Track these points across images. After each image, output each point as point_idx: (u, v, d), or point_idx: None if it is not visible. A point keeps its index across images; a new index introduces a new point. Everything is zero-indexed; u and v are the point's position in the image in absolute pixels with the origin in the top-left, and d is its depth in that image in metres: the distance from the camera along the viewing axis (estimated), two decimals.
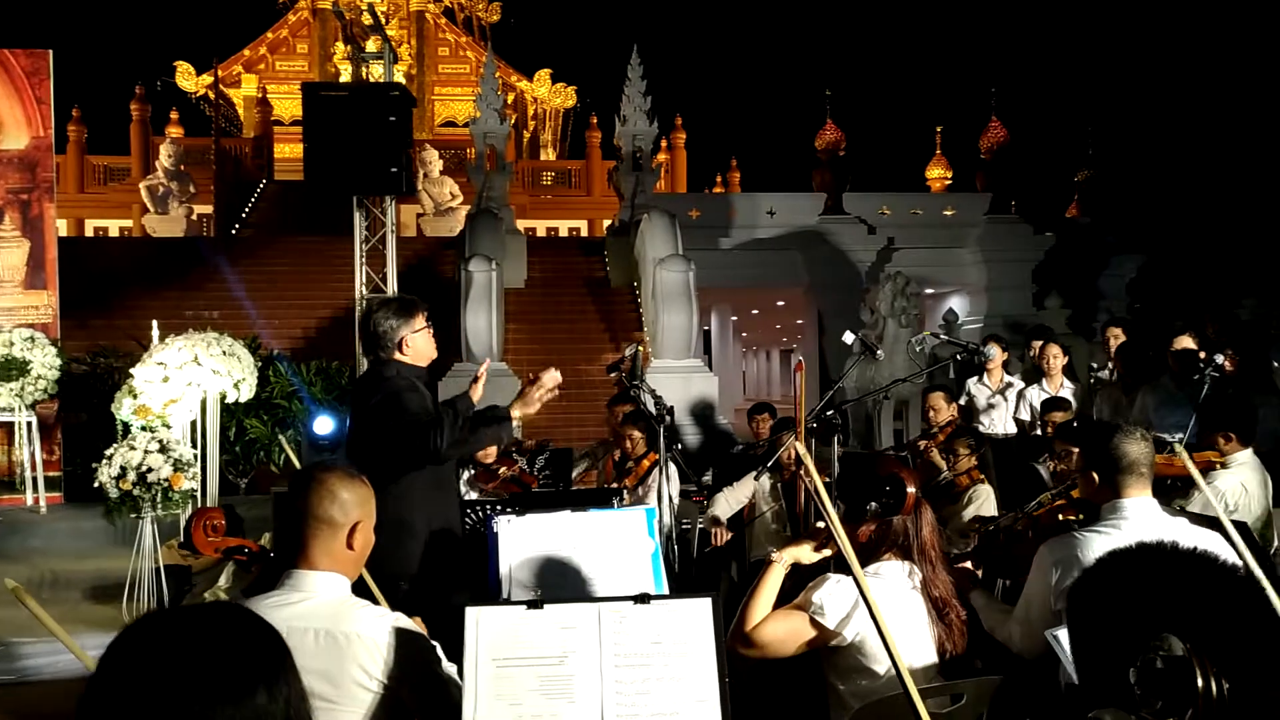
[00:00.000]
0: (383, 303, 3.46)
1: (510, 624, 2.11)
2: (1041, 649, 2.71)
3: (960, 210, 16.47)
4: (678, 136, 26.70)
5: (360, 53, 9.41)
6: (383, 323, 3.35)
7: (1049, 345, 6.44)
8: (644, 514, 3.10)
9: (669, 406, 3.92)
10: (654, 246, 11.89)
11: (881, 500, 2.51)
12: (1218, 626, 0.99)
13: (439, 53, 28.16)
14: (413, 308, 3.41)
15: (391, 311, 3.37)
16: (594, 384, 11.65)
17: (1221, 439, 4.23)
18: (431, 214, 19.30)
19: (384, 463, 3.13)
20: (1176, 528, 2.70)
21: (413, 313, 3.39)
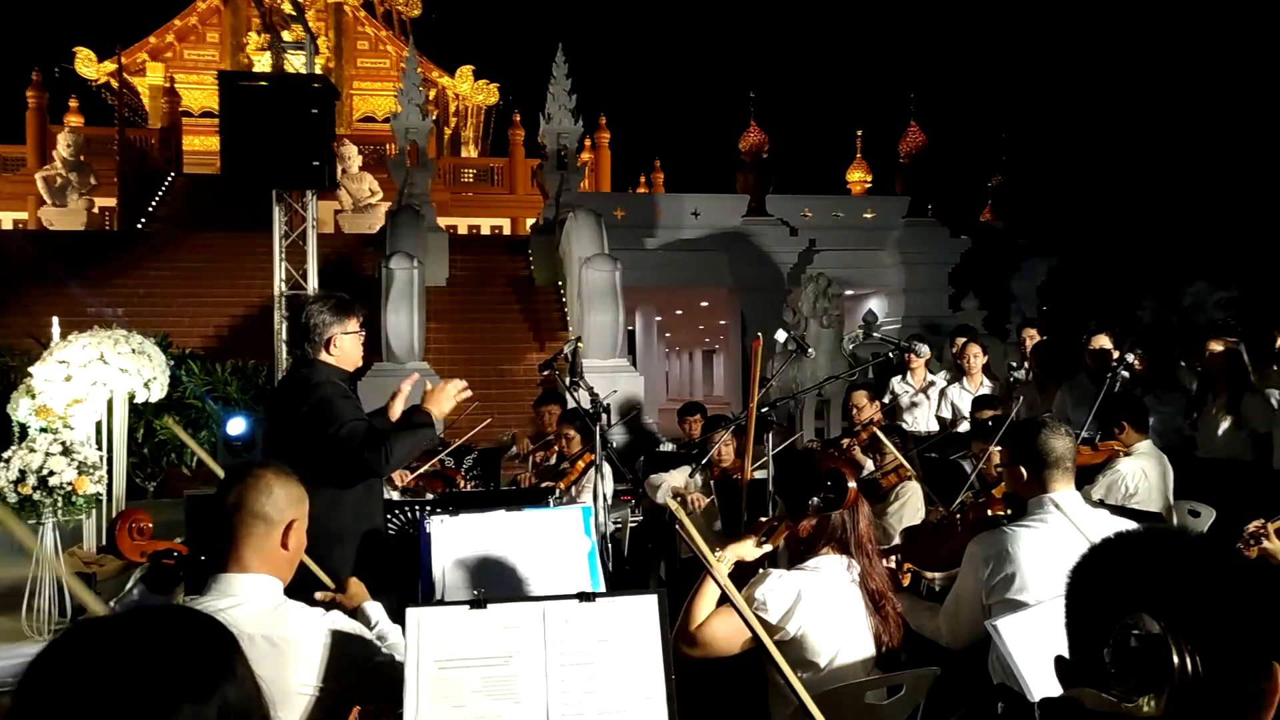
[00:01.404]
0: (320, 297, 3.37)
1: (452, 624, 2.06)
2: (969, 642, 2.77)
3: (880, 213, 16.83)
4: (602, 136, 26.68)
5: (279, 43, 9.13)
6: (315, 316, 3.25)
7: (970, 344, 6.61)
8: (580, 512, 3.07)
9: (605, 404, 3.89)
10: (579, 245, 11.85)
11: (822, 495, 2.52)
12: (1192, 605, 1.00)
13: (358, 46, 27.61)
14: (349, 308, 3.33)
15: (327, 307, 3.28)
16: (518, 383, 11.56)
17: (1117, 429, 4.44)
18: (350, 210, 18.90)
19: (315, 471, 3.03)
20: (1099, 519, 2.79)
21: (348, 313, 3.31)
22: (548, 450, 5.79)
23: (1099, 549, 1.14)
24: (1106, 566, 1.11)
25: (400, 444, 3.14)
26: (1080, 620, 1.10)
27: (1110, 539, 1.15)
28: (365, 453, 3.06)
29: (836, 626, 2.49)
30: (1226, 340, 5.24)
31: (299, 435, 3.15)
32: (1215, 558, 1.08)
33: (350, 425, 3.09)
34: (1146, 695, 1.01)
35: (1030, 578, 2.62)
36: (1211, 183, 33.87)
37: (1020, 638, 2.15)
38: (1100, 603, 1.07)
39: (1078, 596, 1.13)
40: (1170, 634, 0.98)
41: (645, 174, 28.82)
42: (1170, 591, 1.02)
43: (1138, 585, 1.04)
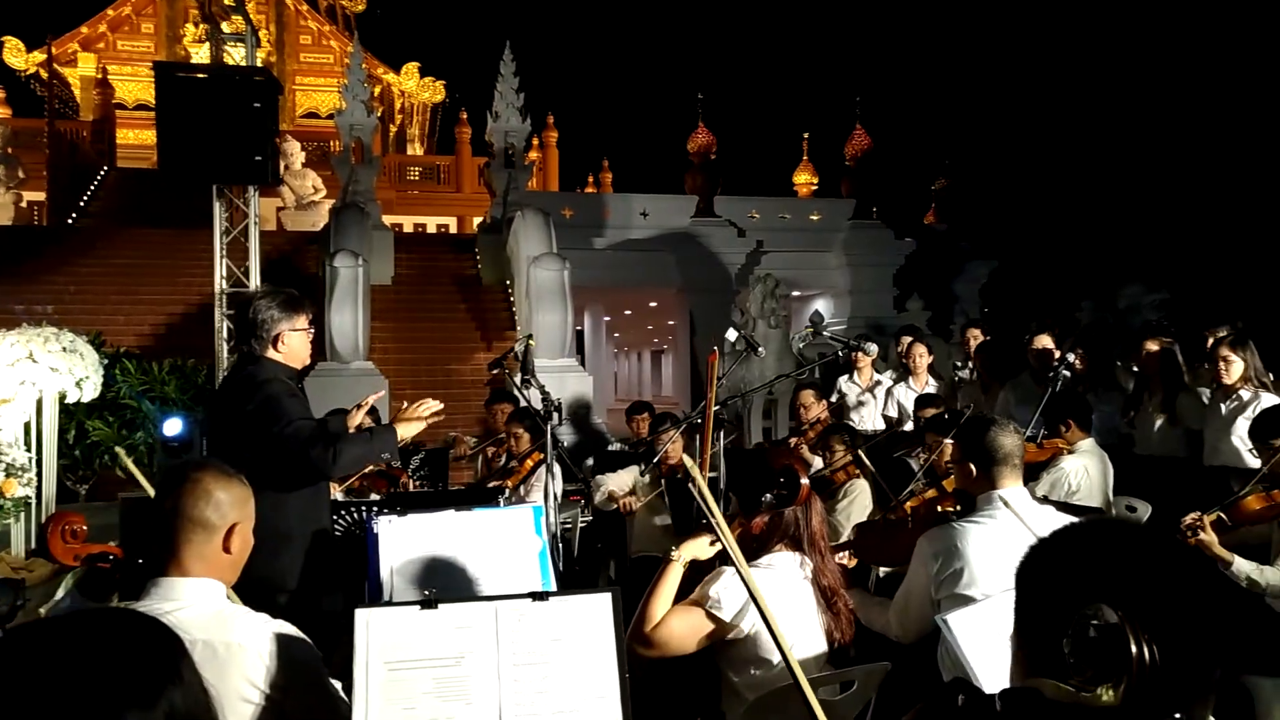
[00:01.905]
0: (268, 293, 3.30)
1: (403, 625, 2.02)
2: (918, 636, 2.81)
3: (826, 215, 17.01)
4: (550, 135, 26.58)
5: (218, 34, 8.91)
6: (264, 311, 3.18)
7: (915, 344, 6.70)
8: (531, 511, 3.04)
9: (556, 403, 3.86)
10: (528, 244, 11.78)
11: (775, 492, 2.52)
12: (1149, 595, 1.02)
13: (300, 41, 27.10)
14: (298, 305, 3.27)
15: (275, 303, 3.21)
16: (465, 384, 11.45)
17: (1063, 427, 4.55)
18: (293, 208, 18.56)
19: (260, 471, 2.95)
20: (1045, 515, 2.84)
21: (297, 310, 3.25)
22: (499, 447, 5.74)
23: (1052, 541, 1.15)
24: (1062, 558, 1.12)
25: (351, 449, 3.09)
26: (1035, 611, 1.11)
27: (1064, 530, 1.16)
28: (311, 452, 2.99)
29: (789, 623, 2.49)
30: (1161, 340, 5.38)
31: (244, 434, 3.07)
32: (1169, 549, 1.09)
33: (297, 424, 3.03)
34: (1105, 684, 1.02)
35: (979, 572, 2.65)
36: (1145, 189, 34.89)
37: (970, 631, 2.17)
38: (1057, 594, 1.07)
39: (1032, 588, 1.13)
40: (1128, 624, 0.99)
41: (593, 174, 28.77)
42: (1128, 582, 1.03)
43: (1095, 576, 1.05)
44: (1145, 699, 1.01)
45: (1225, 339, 5.00)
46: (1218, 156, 36.19)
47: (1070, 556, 1.10)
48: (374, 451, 3.19)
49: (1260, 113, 39.71)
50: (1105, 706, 1.02)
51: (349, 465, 3.20)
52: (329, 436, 3.05)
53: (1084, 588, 1.04)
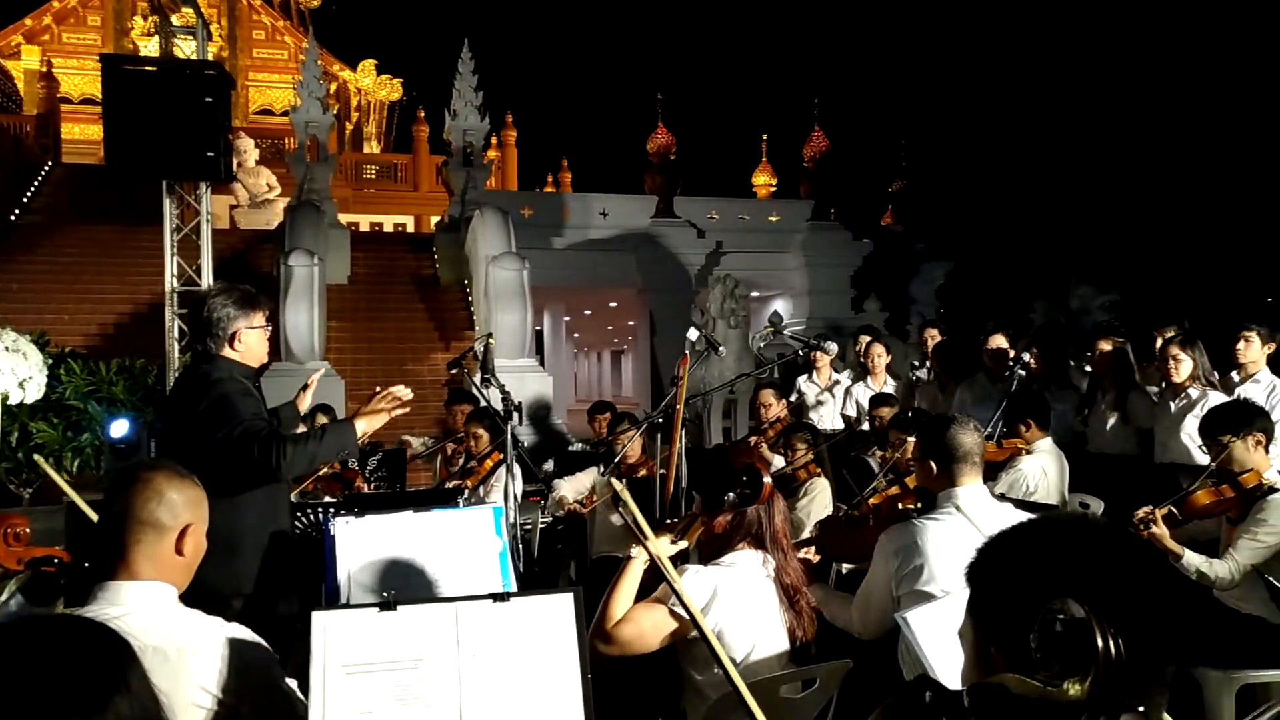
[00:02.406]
0: (223, 289, 3.19)
1: (361, 628, 1.98)
2: (880, 632, 2.82)
3: (784, 217, 17.12)
4: (508, 134, 26.47)
5: (167, 26, 8.71)
6: (218, 309, 3.09)
7: (874, 344, 6.76)
8: (491, 512, 3.00)
9: (516, 403, 3.83)
10: (486, 244, 11.69)
11: (738, 491, 2.52)
12: (1113, 588, 1.02)
13: (254, 36, 26.66)
14: (254, 302, 3.18)
15: (231, 301, 3.12)
16: (423, 384, 11.33)
17: (1022, 426, 4.61)
18: (247, 206, 18.23)
19: (213, 473, 2.88)
20: (1004, 513, 2.87)
21: (253, 307, 3.16)
22: (459, 446, 5.68)
23: (1012, 536, 1.15)
24: (1025, 554, 1.11)
25: (303, 449, 2.99)
26: (996, 608, 1.11)
27: (1024, 526, 1.16)
28: (260, 453, 2.91)
29: (752, 622, 2.49)
30: (1114, 340, 5.47)
31: (195, 435, 2.99)
32: (1130, 543, 1.10)
33: (248, 424, 2.95)
34: (1071, 679, 1.02)
35: (938, 569, 2.67)
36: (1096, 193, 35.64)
37: (929, 629, 2.18)
38: (1020, 590, 1.07)
39: (992, 585, 1.13)
40: (1094, 618, 0.99)
41: (553, 173, 28.71)
42: (1093, 576, 1.04)
43: (1060, 571, 1.05)
44: (1109, 692, 1.01)
45: (1175, 339, 5.10)
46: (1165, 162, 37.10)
47: (1033, 552, 1.10)
48: (327, 450, 3.10)
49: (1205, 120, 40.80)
50: (1071, 700, 1.02)
51: (300, 465, 3.09)
52: (280, 437, 2.97)
53: (1048, 583, 1.04)
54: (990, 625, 1.10)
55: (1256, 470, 3.40)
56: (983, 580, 1.12)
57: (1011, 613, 1.06)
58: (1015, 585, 1.08)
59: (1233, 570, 3.30)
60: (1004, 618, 1.07)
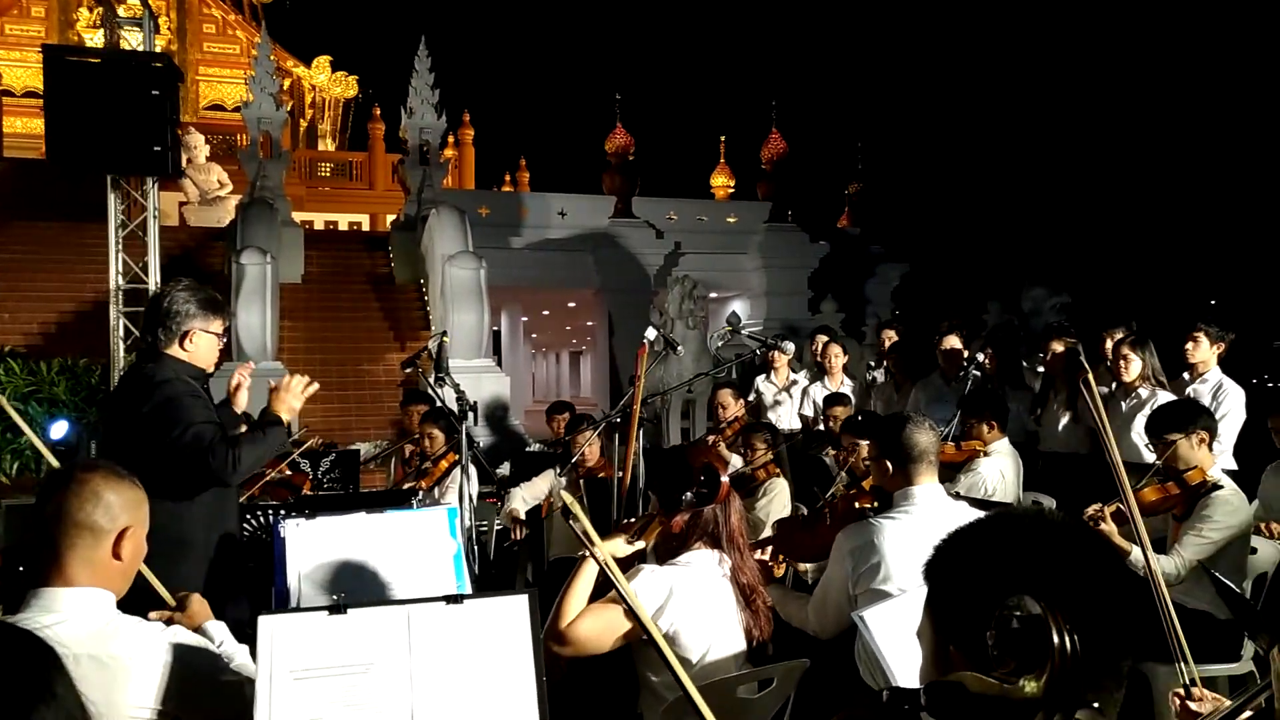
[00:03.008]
0: (188, 286, 3.09)
1: (309, 632, 1.93)
2: (837, 631, 2.82)
3: (742, 218, 17.18)
4: (465, 133, 26.30)
5: (113, 18, 8.50)
6: (179, 304, 2.99)
7: (831, 345, 6.80)
8: (445, 513, 2.95)
9: (472, 403, 3.78)
10: (443, 243, 11.58)
11: (696, 490, 2.50)
12: (1069, 585, 1.01)
13: (204, 30, 26.14)
14: (217, 307, 3.09)
15: (194, 299, 3.03)
16: (378, 384, 11.20)
17: (985, 427, 4.65)
18: (197, 203, 17.88)
19: (159, 476, 2.81)
20: (959, 511, 2.89)
21: (214, 311, 3.08)
22: (416, 446, 5.60)
23: (968, 534, 1.14)
24: (981, 551, 1.11)
25: (249, 450, 2.93)
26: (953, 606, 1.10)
27: (980, 524, 1.15)
28: (212, 460, 2.84)
29: (708, 622, 2.48)
30: (1066, 341, 5.56)
31: (140, 436, 2.90)
32: (1085, 540, 1.09)
33: (197, 428, 2.86)
34: (1028, 676, 1.01)
35: (894, 568, 2.68)
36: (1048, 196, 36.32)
37: (885, 628, 2.18)
38: (978, 587, 1.06)
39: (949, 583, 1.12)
40: (1050, 614, 0.99)
41: (510, 172, 28.56)
42: (1049, 573, 1.03)
43: (1016, 568, 1.04)
44: (1065, 688, 1.01)
45: (1125, 339, 5.18)
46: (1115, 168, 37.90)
47: (990, 549, 1.09)
48: (270, 448, 3.05)
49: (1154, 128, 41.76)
50: (1028, 697, 1.02)
51: (251, 467, 3.04)
52: (232, 440, 2.90)
53: (1005, 580, 1.03)
54: (948, 623, 1.09)
55: (1200, 468, 3.47)
56: (940, 578, 1.12)
57: (969, 610, 1.05)
58: (972, 583, 1.07)
59: (1179, 566, 3.36)
60: (961, 615, 1.06)
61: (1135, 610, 1.09)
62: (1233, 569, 3.44)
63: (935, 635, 1.14)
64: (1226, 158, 38.01)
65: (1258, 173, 36.33)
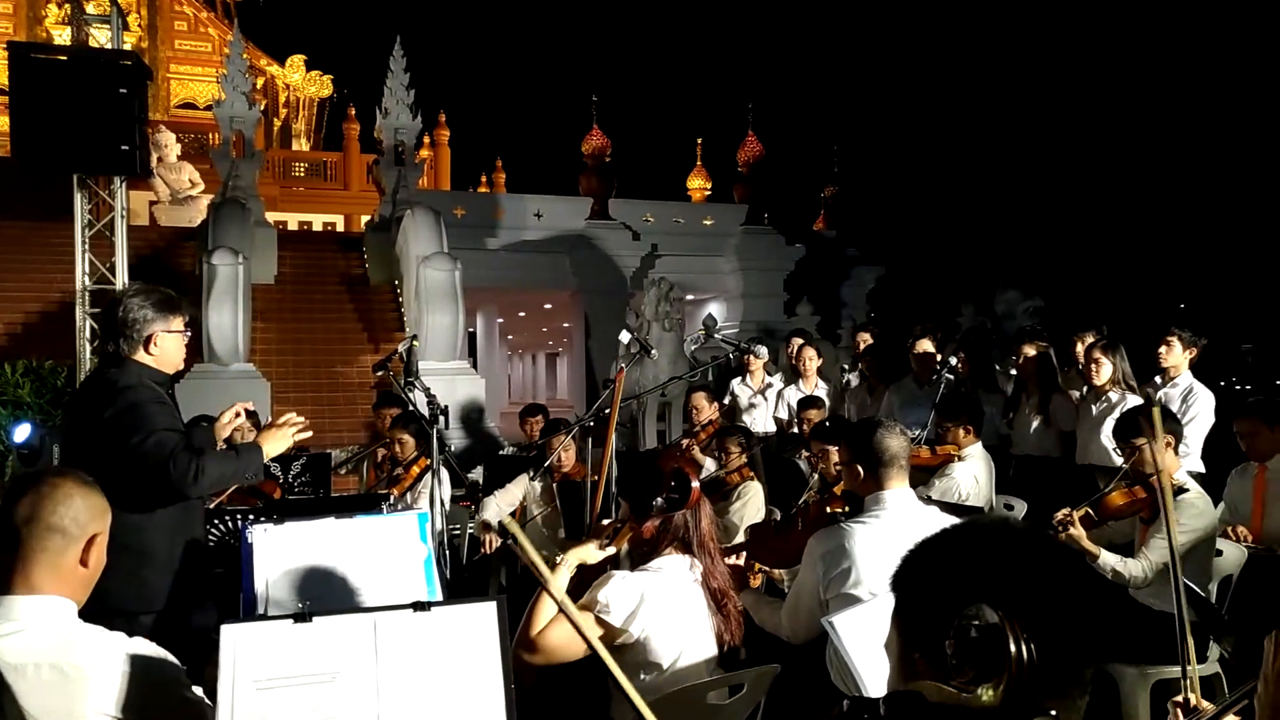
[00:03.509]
0: (141, 290, 3.05)
1: (274, 641, 1.90)
2: (809, 636, 2.83)
3: (719, 220, 17.22)
4: (441, 133, 26.16)
5: (81, 15, 8.38)
6: (135, 310, 2.94)
7: (805, 348, 6.81)
8: (416, 518, 2.93)
9: (443, 407, 3.75)
10: (418, 244, 11.51)
11: (666, 496, 2.49)
12: (1030, 594, 1.02)
13: (175, 26, 25.82)
14: (174, 305, 3.05)
15: (149, 302, 2.98)
16: (351, 386, 11.11)
17: (961, 430, 4.68)
18: (167, 202, 17.67)
19: (121, 483, 2.76)
20: (929, 516, 2.90)
21: (172, 310, 3.03)
22: (387, 450, 5.55)
23: (931, 544, 1.14)
24: (942, 561, 1.11)
25: (216, 466, 2.88)
26: (917, 615, 1.10)
27: (943, 534, 1.15)
28: (173, 469, 2.77)
29: (679, 627, 2.47)
30: (1038, 345, 5.61)
31: (101, 444, 2.85)
32: (1046, 548, 1.10)
33: (159, 436, 2.81)
34: (985, 684, 1.02)
35: (865, 572, 2.69)
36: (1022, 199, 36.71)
37: (855, 634, 2.19)
38: (938, 597, 1.06)
39: (913, 592, 1.12)
40: (1008, 623, 0.99)
41: (486, 173, 28.47)
42: (1007, 582, 1.03)
43: (976, 577, 1.05)
44: (1022, 697, 1.01)
45: (1097, 343, 5.23)
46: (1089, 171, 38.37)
47: (950, 559, 1.09)
48: (241, 471, 2.99)
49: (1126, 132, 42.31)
50: (986, 706, 1.02)
51: (214, 484, 2.98)
52: (194, 452, 2.83)
53: (966, 589, 1.03)
54: (913, 632, 1.09)
55: (1167, 471, 3.50)
56: (905, 588, 1.12)
57: (933, 620, 1.05)
58: (935, 592, 1.07)
59: (1146, 569, 3.39)
60: (926, 625, 1.07)
61: (1099, 617, 1.09)
62: (1199, 571, 3.49)
63: (901, 644, 1.14)
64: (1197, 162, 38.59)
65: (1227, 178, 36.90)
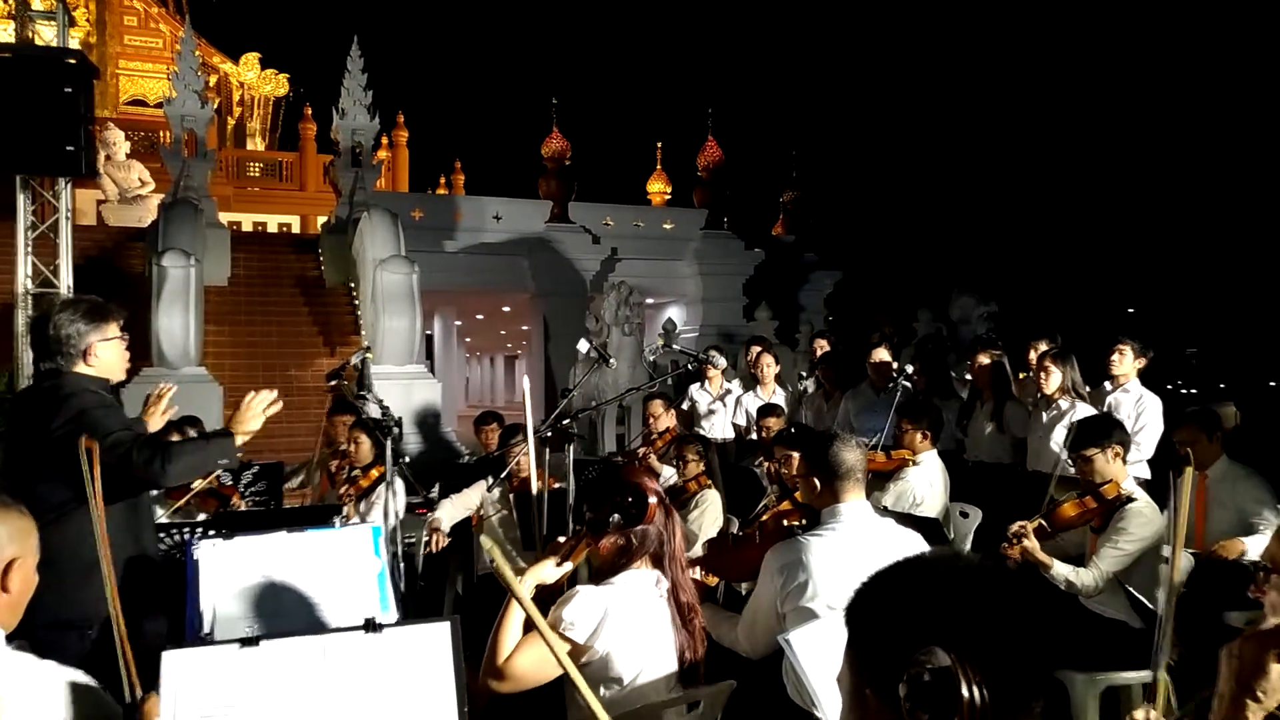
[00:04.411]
0: (67, 303, 3.00)
1: (219, 667, 1.85)
2: (767, 651, 2.81)
3: (679, 224, 17.25)
4: (399, 134, 25.93)
5: (25, 10, 8.16)
6: (66, 326, 2.88)
7: (763, 354, 6.83)
8: (370, 531, 2.88)
9: (397, 418, 3.70)
10: (375, 246, 11.38)
11: (623, 511, 2.47)
12: (978, 634, 1.01)
13: (125, 22, 25.28)
14: (105, 312, 2.99)
15: (79, 314, 2.92)
16: (307, 390, 10.94)
17: (919, 435, 4.73)
18: (116, 201, 17.28)
19: (73, 496, 2.70)
20: (885, 528, 2.91)
21: (104, 318, 2.97)
22: (340, 460, 5.45)
23: (884, 579, 1.13)
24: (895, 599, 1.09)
25: (185, 456, 2.84)
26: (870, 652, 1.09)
27: (895, 568, 1.14)
28: (134, 459, 2.74)
29: (642, 643, 2.45)
30: (991, 353, 5.68)
31: (52, 455, 2.77)
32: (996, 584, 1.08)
33: (114, 436, 2.77)
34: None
35: (822, 585, 2.68)
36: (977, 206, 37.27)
37: (811, 651, 2.18)
38: (891, 636, 1.05)
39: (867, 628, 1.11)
40: (959, 666, 0.98)
41: (445, 175, 28.24)
42: (958, 622, 1.02)
43: (927, 618, 1.03)
44: None
45: (1049, 352, 5.31)
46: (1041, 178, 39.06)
47: (901, 598, 1.08)
48: (211, 458, 2.94)
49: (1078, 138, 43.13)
50: None
51: (184, 474, 2.93)
52: (157, 444, 2.80)
53: (916, 630, 1.02)
54: (866, 669, 1.08)
55: (1115, 481, 3.56)
56: (858, 624, 1.10)
57: (884, 658, 1.04)
58: (887, 630, 1.06)
59: (1097, 578, 3.44)
60: (877, 663, 1.05)
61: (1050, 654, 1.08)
62: (1148, 579, 3.54)
63: (854, 679, 1.12)
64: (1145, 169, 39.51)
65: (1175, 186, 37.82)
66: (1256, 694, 1.38)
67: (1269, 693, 1.38)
